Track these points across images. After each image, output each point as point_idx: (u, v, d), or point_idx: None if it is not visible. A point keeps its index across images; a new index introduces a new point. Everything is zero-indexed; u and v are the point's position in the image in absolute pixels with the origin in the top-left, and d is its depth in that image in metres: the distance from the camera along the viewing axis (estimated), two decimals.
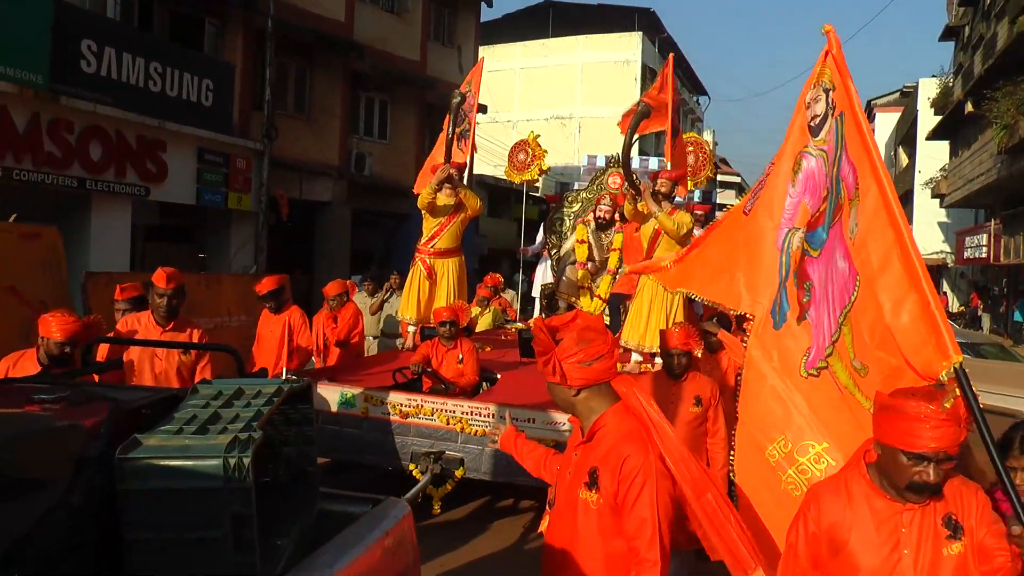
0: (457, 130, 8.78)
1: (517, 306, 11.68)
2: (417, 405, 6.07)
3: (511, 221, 26.58)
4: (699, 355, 5.20)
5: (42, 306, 6.19)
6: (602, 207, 9.55)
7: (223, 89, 15.01)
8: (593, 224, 9.68)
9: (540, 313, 10.67)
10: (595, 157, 11.69)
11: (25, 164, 11.32)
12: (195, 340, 5.25)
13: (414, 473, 5.93)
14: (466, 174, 8.99)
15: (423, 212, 8.24)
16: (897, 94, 52.27)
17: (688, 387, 4.97)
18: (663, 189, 7.37)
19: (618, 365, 7.66)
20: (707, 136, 58.12)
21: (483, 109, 24.12)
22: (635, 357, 7.67)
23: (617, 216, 9.76)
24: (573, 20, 39.83)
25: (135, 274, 8.62)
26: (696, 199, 11.29)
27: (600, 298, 9.57)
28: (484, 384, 7.39)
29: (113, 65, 12.57)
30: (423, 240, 8.31)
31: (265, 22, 15.71)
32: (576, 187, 11.56)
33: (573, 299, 9.79)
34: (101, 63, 12.37)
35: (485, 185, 25.64)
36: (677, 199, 8.09)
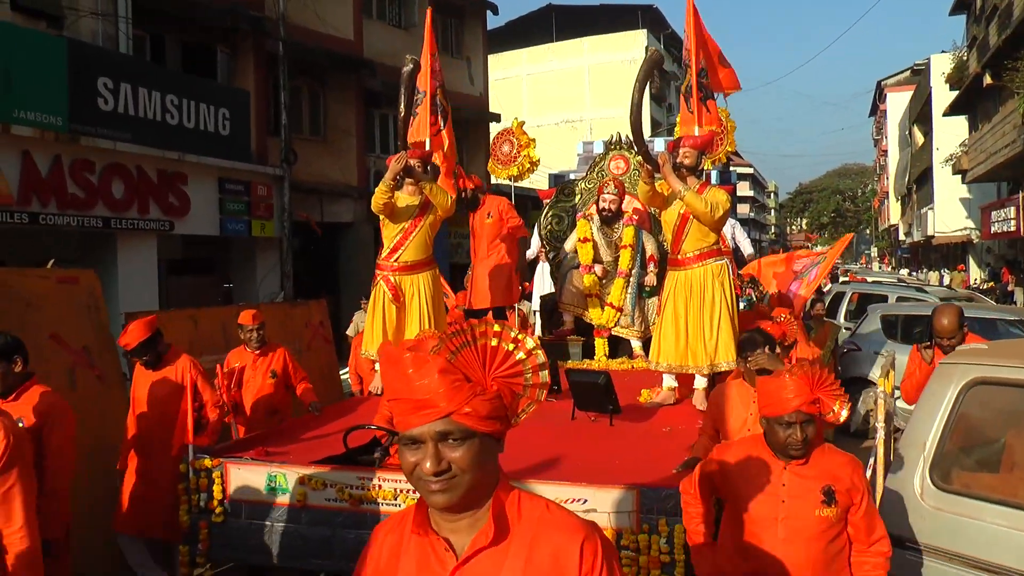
0: (417, 109, 7.10)
1: (537, 320, 9.87)
2: (374, 485, 4.34)
3: (532, 229, 26.48)
4: (841, 420, 3.18)
5: (84, 351, 6.06)
6: (606, 196, 7.87)
7: (239, 117, 14.93)
8: (597, 218, 8.02)
9: (541, 330, 9.12)
10: (591, 144, 9.97)
11: (50, 208, 11.23)
12: None
13: None
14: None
15: (380, 217, 6.60)
16: (907, 73, 52.03)
17: (812, 472, 3.08)
18: (687, 161, 5.72)
19: (645, 392, 6.13)
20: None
21: (496, 118, 24.06)
22: (668, 381, 6.03)
23: (626, 207, 8.21)
24: (576, 22, 39.79)
25: (169, 312, 8.50)
26: (713, 180, 9.18)
27: (613, 306, 7.90)
28: None
29: (130, 101, 12.49)
30: (384, 253, 6.63)
31: (276, 46, 15.63)
32: (573, 178, 9.73)
33: (580, 311, 8.14)
34: (118, 100, 12.29)
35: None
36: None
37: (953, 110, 31.77)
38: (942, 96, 33.89)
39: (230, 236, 15.02)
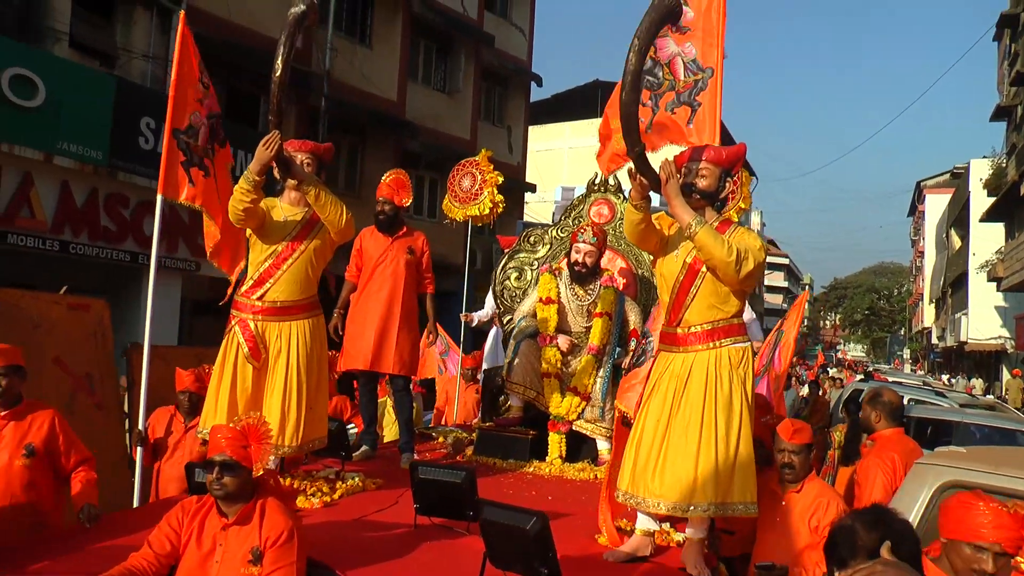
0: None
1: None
2: None
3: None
4: None
5: (87, 378, 6.17)
6: (580, 246, 5.97)
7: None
8: (567, 274, 6.11)
9: (482, 416, 6.96)
10: (571, 189, 7.77)
11: (81, 238, 11.53)
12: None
13: None
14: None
15: (248, 237, 4.68)
16: (947, 175, 52.04)
17: None
18: (703, 182, 3.70)
19: (604, 530, 4.06)
20: (755, 218, 57.95)
21: (531, 188, 24.40)
22: (644, 522, 3.83)
23: (606, 263, 6.28)
24: None
25: (182, 348, 8.62)
26: None
27: (577, 392, 5.90)
28: None
29: None
30: (245, 286, 4.68)
31: (319, 101, 16.05)
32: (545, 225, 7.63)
33: (533, 394, 6.00)
34: (159, 140, 12.64)
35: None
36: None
37: (990, 216, 31.62)
38: (980, 201, 33.74)
39: None
